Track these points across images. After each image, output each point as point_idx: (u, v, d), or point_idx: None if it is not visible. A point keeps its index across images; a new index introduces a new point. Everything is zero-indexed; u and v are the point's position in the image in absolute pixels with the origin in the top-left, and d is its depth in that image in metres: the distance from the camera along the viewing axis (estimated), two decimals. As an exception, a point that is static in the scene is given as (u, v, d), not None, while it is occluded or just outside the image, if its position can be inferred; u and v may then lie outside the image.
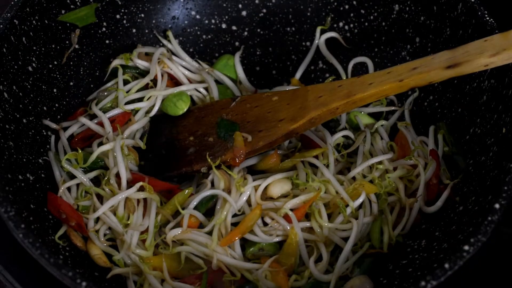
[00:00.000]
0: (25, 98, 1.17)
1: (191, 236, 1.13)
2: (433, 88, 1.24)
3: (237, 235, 1.11)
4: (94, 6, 1.31)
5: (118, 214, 1.14)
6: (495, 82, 1.07)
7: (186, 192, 1.16)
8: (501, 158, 1.00)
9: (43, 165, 1.19)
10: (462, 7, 1.15)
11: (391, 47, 1.34)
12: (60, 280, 0.89)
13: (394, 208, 1.16)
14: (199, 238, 1.12)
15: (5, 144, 1.08)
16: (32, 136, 1.18)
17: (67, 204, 1.14)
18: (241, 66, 1.41)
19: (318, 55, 1.41)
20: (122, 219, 1.13)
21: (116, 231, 1.14)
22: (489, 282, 1.15)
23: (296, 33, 1.44)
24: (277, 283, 1.07)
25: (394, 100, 1.33)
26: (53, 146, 1.24)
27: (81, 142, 1.25)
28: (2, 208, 0.93)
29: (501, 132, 1.03)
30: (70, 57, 1.29)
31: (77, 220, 1.12)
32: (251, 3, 1.44)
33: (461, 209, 1.04)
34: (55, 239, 1.08)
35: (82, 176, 1.18)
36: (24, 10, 1.15)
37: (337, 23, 1.40)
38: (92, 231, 1.13)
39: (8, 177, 1.04)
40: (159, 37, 1.41)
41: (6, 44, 1.11)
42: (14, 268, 1.14)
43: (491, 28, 1.09)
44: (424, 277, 0.88)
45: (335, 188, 1.14)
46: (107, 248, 1.13)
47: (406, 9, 1.28)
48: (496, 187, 0.96)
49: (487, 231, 0.91)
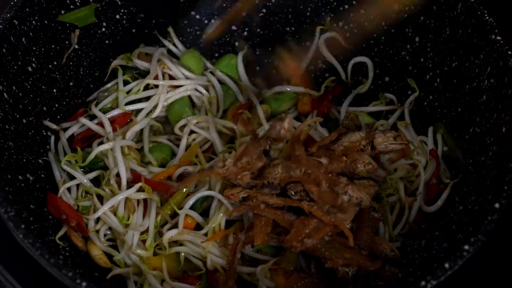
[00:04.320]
0: (25, 98, 1.17)
1: (188, 237, 1.13)
2: (433, 88, 1.24)
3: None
4: (93, 6, 1.30)
5: (119, 214, 1.14)
6: (495, 82, 1.07)
7: (184, 191, 1.16)
8: (501, 158, 1.00)
9: (43, 166, 1.19)
10: (462, 6, 1.15)
11: (391, 47, 1.33)
12: (60, 280, 0.89)
13: (394, 208, 1.16)
14: (196, 239, 1.12)
15: (5, 144, 1.08)
16: (32, 137, 1.18)
17: (67, 204, 1.14)
18: (243, 66, 1.41)
19: (317, 55, 1.41)
20: (123, 219, 1.13)
21: (117, 231, 1.14)
22: (489, 282, 1.15)
23: (296, 33, 1.44)
24: (277, 283, 1.07)
25: (394, 100, 1.33)
26: (53, 147, 1.24)
27: (81, 142, 1.25)
28: (2, 209, 0.93)
29: (501, 131, 1.03)
30: (69, 57, 1.29)
31: (77, 220, 1.12)
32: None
33: (461, 209, 1.04)
34: (55, 239, 1.08)
35: (82, 177, 1.18)
36: (23, 10, 1.15)
37: (336, 23, 1.40)
38: (93, 231, 1.13)
39: (8, 178, 1.04)
40: (159, 37, 1.41)
41: (6, 44, 1.11)
42: (14, 268, 1.14)
43: (491, 28, 1.09)
44: (424, 276, 0.88)
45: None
46: (108, 248, 1.13)
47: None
48: (496, 186, 0.96)
49: (487, 231, 0.91)
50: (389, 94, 1.34)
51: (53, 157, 1.21)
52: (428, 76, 1.25)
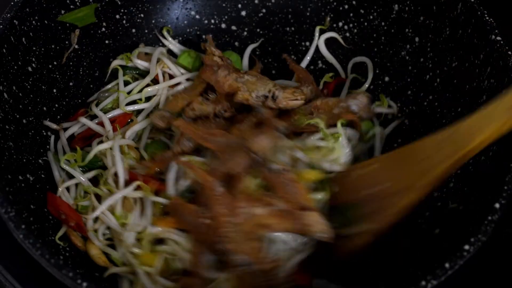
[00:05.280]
0: (25, 99, 1.17)
1: (169, 235, 1.12)
2: (432, 87, 1.24)
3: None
4: (93, 6, 1.31)
5: (116, 213, 1.14)
6: (495, 82, 1.07)
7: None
8: (501, 158, 1.00)
9: (43, 166, 1.19)
10: (462, 7, 1.15)
11: (391, 47, 1.34)
12: (60, 280, 0.89)
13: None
14: (176, 237, 1.11)
15: (5, 145, 1.08)
16: (32, 137, 1.18)
17: (66, 204, 1.14)
18: (248, 59, 1.41)
19: (317, 55, 1.41)
20: (120, 218, 1.14)
21: (115, 230, 1.14)
22: (489, 282, 1.15)
23: (296, 33, 1.44)
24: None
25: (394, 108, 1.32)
26: (53, 146, 1.24)
27: (82, 142, 1.25)
28: (2, 209, 0.93)
29: (501, 131, 1.03)
30: (69, 57, 1.29)
31: (76, 220, 1.12)
32: (250, 3, 1.44)
33: (461, 209, 1.04)
34: (55, 239, 1.08)
35: (81, 176, 1.18)
36: (24, 10, 1.15)
37: (336, 23, 1.40)
38: (91, 231, 1.14)
39: (8, 178, 1.04)
40: (159, 37, 1.41)
41: (6, 45, 1.11)
42: (14, 268, 1.14)
43: (491, 28, 1.09)
44: (424, 276, 0.88)
45: None
46: (106, 248, 1.13)
47: (405, 9, 1.28)
48: (496, 186, 0.96)
49: (487, 231, 0.91)
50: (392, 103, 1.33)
51: (53, 156, 1.21)
52: (428, 76, 1.25)
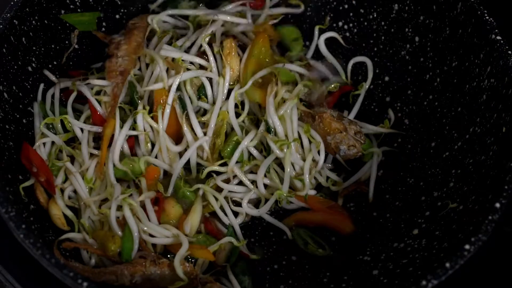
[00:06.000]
0: (25, 98, 1.17)
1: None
2: (432, 87, 1.24)
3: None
4: (96, 14, 1.31)
5: (87, 176, 1.15)
6: (495, 81, 1.08)
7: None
8: (501, 157, 1.01)
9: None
10: (462, 6, 1.15)
11: (391, 47, 1.34)
12: (61, 280, 0.89)
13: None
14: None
15: (5, 144, 1.08)
16: (32, 137, 1.18)
17: (40, 158, 1.14)
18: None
19: (317, 54, 1.41)
20: (90, 181, 1.15)
21: (80, 196, 1.15)
22: (489, 282, 1.15)
23: (296, 33, 1.44)
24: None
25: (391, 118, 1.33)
26: (40, 96, 1.22)
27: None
28: (3, 209, 0.93)
29: (501, 131, 1.03)
30: (69, 57, 1.29)
31: (47, 176, 1.12)
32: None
33: (461, 209, 1.04)
34: (19, 188, 1.07)
35: (56, 137, 1.17)
36: (24, 10, 1.15)
37: (336, 22, 1.40)
38: (58, 189, 1.14)
39: (9, 177, 1.04)
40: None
41: (6, 44, 1.11)
42: (14, 268, 1.14)
43: (491, 28, 1.09)
44: (425, 276, 0.88)
45: None
46: (66, 209, 1.14)
47: (405, 9, 1.28)
48: (496, 186, 0.96)
49: (488, 230, 0.91)
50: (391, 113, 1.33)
51: (39, 105, 1.20)
52: (428, 76, 1.25)
